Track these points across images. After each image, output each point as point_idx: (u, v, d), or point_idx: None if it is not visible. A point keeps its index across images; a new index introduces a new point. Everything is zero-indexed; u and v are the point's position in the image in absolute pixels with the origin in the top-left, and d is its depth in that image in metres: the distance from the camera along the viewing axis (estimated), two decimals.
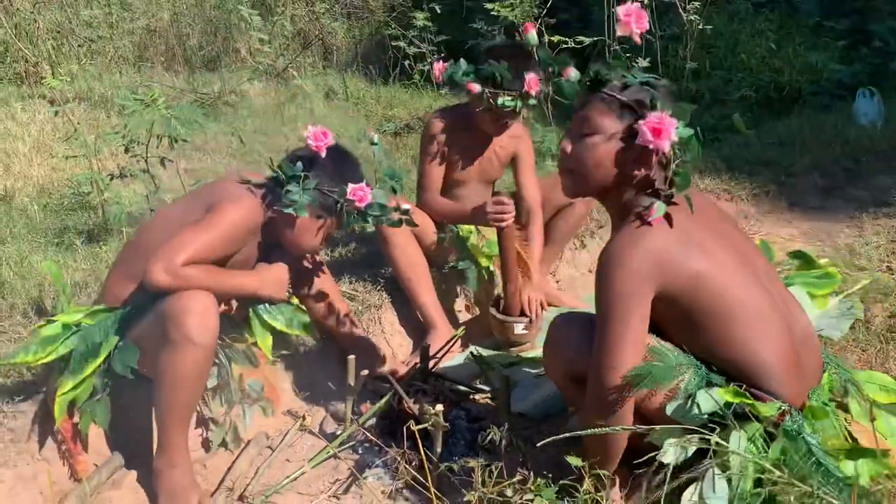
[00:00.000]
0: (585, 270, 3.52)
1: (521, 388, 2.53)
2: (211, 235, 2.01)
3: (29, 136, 4.94)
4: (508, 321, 2.72)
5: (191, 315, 1.88)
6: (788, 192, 4.18)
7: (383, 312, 2.84)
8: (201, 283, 1.97)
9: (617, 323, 1.61)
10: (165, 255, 1.94)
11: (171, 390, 1.94)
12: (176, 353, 1.90)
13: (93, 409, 2.07)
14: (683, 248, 1.63)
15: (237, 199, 2.09)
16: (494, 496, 1.72)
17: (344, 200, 2.15)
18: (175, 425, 1.98)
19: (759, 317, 1.66)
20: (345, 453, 2.21)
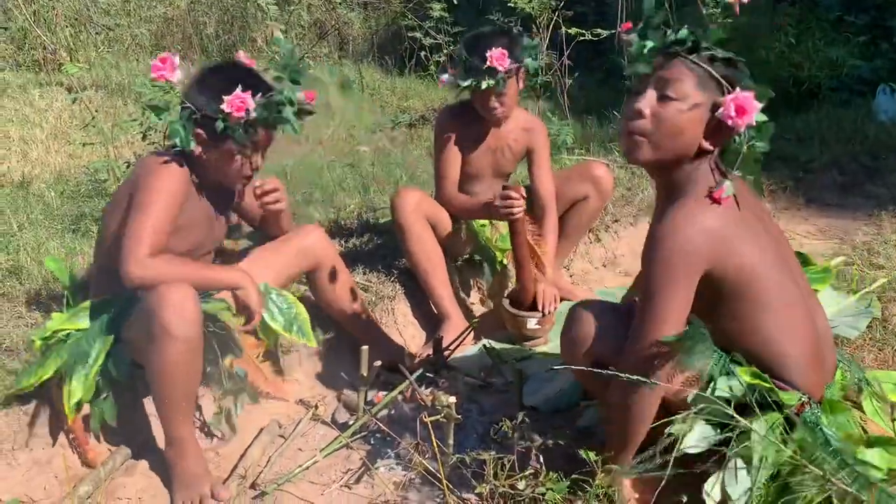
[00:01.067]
0: (599, 265, 3.51)
1: (533, 381, 2.53)
2: (154, 213, 1.97)
3: (46, 122, 4.98)
4: (521, 315, 2.72)
5: (167, 308, 1.87)
6: (806, 188, 4.15)
7: (397, 304, 2.84)
8: (177, 275, 1.95)
9: (664, 296, 1.59)
10: (128, 252, 1.93)
11: (162, 384, 1.95)
12: (159, 348, 1.90)
13: (101, 408, 2.09)
14: (737, 232, 1.62)
15: (153, 168, 2.04)
16: (506, 489, 1.72)
17: (221, 116, 2.00)
18: (176, 416, 1.99)
19: (788, 309, 1.66)
20: (357, 443, 2.21)
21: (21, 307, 2.48)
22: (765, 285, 1.64)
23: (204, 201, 2.17)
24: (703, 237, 1.58)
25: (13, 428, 2.07)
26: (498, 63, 2.55)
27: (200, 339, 1.96)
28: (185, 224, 2.08)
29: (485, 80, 2.58)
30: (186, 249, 2.13)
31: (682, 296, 1.60)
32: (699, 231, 1.59)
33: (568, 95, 4.77)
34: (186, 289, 1.91)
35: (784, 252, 1.74)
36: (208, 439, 2.26)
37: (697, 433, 1.60)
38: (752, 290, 1.64)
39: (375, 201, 3.70)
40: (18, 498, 1.98)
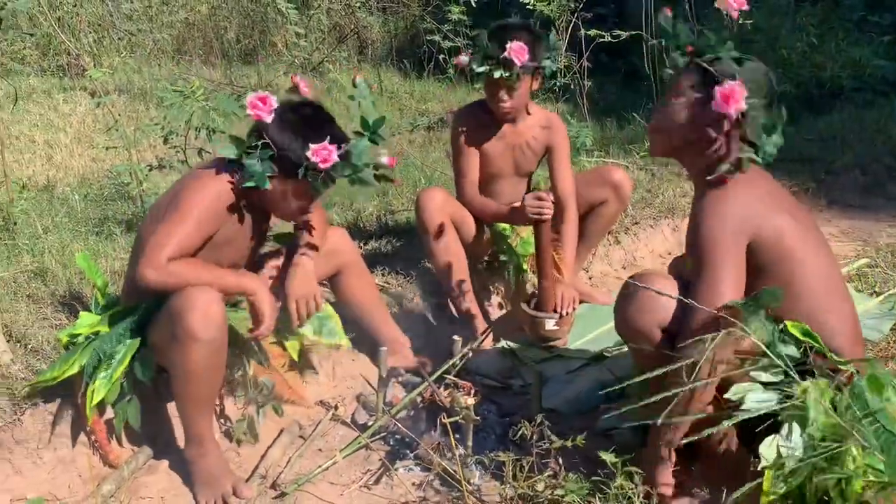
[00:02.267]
0: (619, 267, 3.50)
1: (553, 383, 2.53)
2: (184, 224, 1.98)
3: (70, 127, 5.05)
4: (540, 317, 2.71)
5: (193, 311, 1.89)
6: (828, 189, 4.11)
7: (416, 305, 2.85)
8: (196, 278, 1.96)
9: (717, 266, 1.68)
10: (149, 254, 1.94)
11: (185, 385, 1.97)
12: (183, 350, 1.92)
13: (124, 410, 2.11)
14: (771, 205, 1.74)
15: (197, 183, 2.06)
16: (525, 490, 1.72)
17: (306, 163, 2.02)
18: (197, 417, 2.02)
19: (832, 286, 1.76)
20: (376, 444, 2.22)
21: (46, 308, 2.51)
22: (808, 260, 1.74)
23: (245, 221, 2.16)
24: (742, 209, 1.71)
25: (38, 427, 2.10)
26: (515, 56, 2.55)
27: (224, 340, 1.98)
28: (226, 239, 2.11)
29: (499, 69, 2.58)
30: (229, 264, 2.15)
31: (736, 262, 1.69)
32: (738, 204, 1.71)
33: (587, 97, 4.76)
34: (212, 292, 1.93)
35: (819, 235, 1.84)
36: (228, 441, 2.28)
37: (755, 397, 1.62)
38: (794, 260, 1.72)
39: (394, 204, 3.71)
40: (43, 496, 2.00)
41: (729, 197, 1.73)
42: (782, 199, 1.81)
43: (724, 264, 1.69)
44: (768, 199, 1.76)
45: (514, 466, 1.77)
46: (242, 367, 2.23)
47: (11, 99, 5.02)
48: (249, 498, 1.98)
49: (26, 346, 2.28)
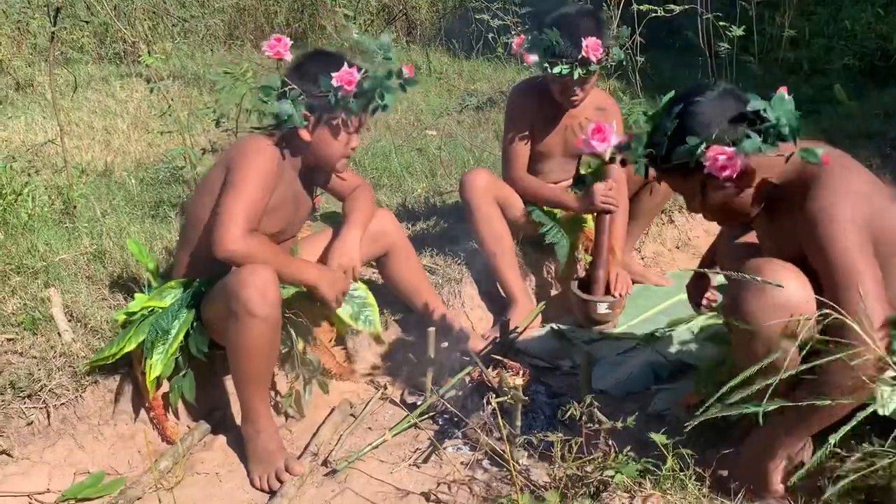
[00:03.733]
0: (672, 246, 3.43)
1: (602, 366, 2.50)
2: (250, 191, 2.02)
3: (127, 113, 5.16)
4: (593, 301, 2.68)
5: (250, 289, 1.93)
6: (894, 165, 3.96)
7: (463, 286, 2.84)
8: (267, 258, 2.01)
9: (857, 278, 1.52)
10: (224, 228, 1.98)
11: (242, 361, 2.01)
12: (240, 326, 1.96)
13: (180, 385, 2.16)
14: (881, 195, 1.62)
15: (249, 148, 2.10)
16: (574, 471, 1.70)
17: (333, 91, 2.07)
18: (253, 393, 2.05)
19: None
20: (425, 423, 2.23)
21: (104, 289, 2.58)
22: None
23: (295, 184, 2.22)
24: (858, 204, 1.57)
25: (99, 404, 2.16)
26: (593, 53, 2.51)
27: (279, 319, 2.02)
28: (275, 206, 2.14)
29: (576, 68, 2.54)
30: (276, 231, 2.19)
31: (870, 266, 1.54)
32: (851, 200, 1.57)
33: (640, 73, 4.66)
34: (269, 271, 1.97)
35: None
36: (281, 417, 2.32)
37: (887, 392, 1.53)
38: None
39: (442, 185, 3.70)
40: (104, 471, 2.07)
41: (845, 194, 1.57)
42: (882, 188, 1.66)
43: (865, 277, 1.52)
44: (872, 189, 1.62)
45: (563, 447, 1.76)
46: (290, 343, 2.26)
47: (71, 86, 5.16)
48: (301, 475, 2.01)
49: (86, 326, 2.35)
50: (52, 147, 4.06)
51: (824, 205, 1.57)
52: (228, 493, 2.02)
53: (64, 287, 2.54)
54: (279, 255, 2.08)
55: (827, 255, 1.56)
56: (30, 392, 2.07)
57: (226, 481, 2.07)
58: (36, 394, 2.08)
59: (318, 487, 2.01)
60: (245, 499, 2.00)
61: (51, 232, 3.01)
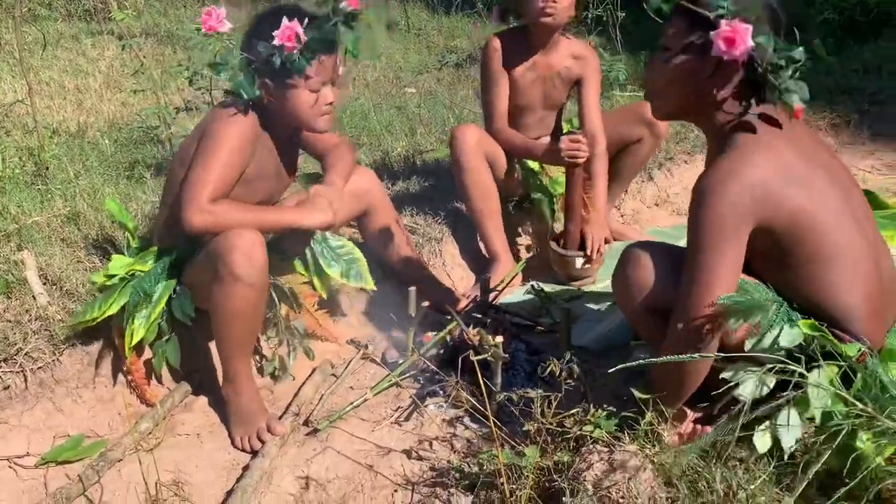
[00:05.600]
0: (652, 204, 3.44)
1: (582, 322, 2.51)
2: (218, 162, 1.97)
3: (99, 72, 5.05)
4: (569, 255, 2.69)
5: (236, 253, 1.90)
6: (872, 121, 3.98)
7: (444, 245, 2.84)
8: (239, 220, 1.97)
9: (712, 256, 1.55)
10: (191, 198, 1.95)
11: (226, 325, 2.00)
12: (226, 291, 1.94)
13: (163, 349, 2.16)
14: (784, 182, 1.55)
15: (221, 120, 2.03)
16: (553, 427, 1.72)
17: (277, 52, 1.96)
18: (236, 356, 2.04)
19: (851, 260, 1.59)
20: (406, 382, 2.24)
21: (80, 252, 2.54)
22: (825, 237, 1.57)
23: (274, 152, 2.17)
24: (748, 192, 1.53)
25: (77, 367, 2.15)
26: None
27: (266, 283, 2.00)
28: (254, 176, 2.10)
29: None
30: (258, 202, 2.15)
31: (732, 255, 1.56)
32: (743, 186, 1.53)
33: (621, 29, 4.62)
34: (254, 234, 1.94)
35: (848, 194, 1.65)
36: (263, 377, 2.31)
37: (753, 380, 1.57)
38: (809, 241, 1.57)
39: (422, 143, 3.68)
40: (84, 433, 2.06)
41: (732, 179, 1.53)
42: (803, 167, 1.58)
43: (718, 264, 1.55)
44: (782, 173, 1.55)
45: (543, 403, 1.77)
46: (274, 308, 2.25)
47: (40, 45, 5.03)
48: (282, 434, 2.02)
49: (62, 289, 2.32)
50: (22, 107, 3.97)
51: (711, 184, 1.55)
52: (210, 454, 2.02)
53: (38, 250, 2.51)
54: (251, 211, 2.04)
55: (693, 240, 1.58)
56: (6, 356, 2.05)
57: (207, 442, 2.07)
58: (12, 357, 2.06)
59: (299, 447, 2.02)
60: (227, 459, 2.01)
61: (23, 194, 2.96)
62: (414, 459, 1.94)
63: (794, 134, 1.62)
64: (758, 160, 1.55)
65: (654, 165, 3.43)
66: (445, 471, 1.85)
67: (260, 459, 1.93)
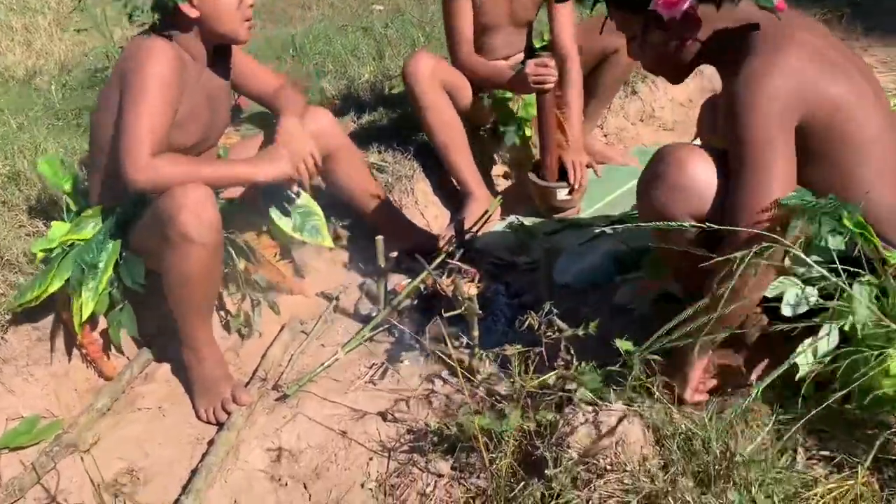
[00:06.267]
0: (636, 120, 3.24)
1: (566, 257, 2.36)
2: (148, 105, 1.78)
3: (49, 8, 4.75)
4: (550, 187, 2.52)
5: (184, 212, 1.74)
6: (865, 15, 3.75)
7: (416, 182, 2.66)
8: (186, 175, 1.79)
9: (765, 153, 1.40)
10: (128, 156, 1.76)
11: (180, 290, 1.85)
12: (178, 254, 1.79)
13: (118, 319, 2.01)
14: (821, 70, 1.43)
15: (138, 55, 1.83)
16: (534, 388, 1.59)
17: None
18: (193, 321, 1.91)
19: (886, 159, 1.47)
20: (381, 336, 2.10)
21: (22, 215, 2.37)
22: (865, 130, 1.44)
23: (206, 83, 1.97)
24: (785, 87, 1.40)
25: (25, 344, 2.00)
26: None
27: (220, 242, 1.85)
28: (186, 115, 1.90)
29: None
30: (192, 143, 1.96)
31: (786, 151, 1.41)
32: (778, 80, 1.39)
33: None
34: (204, 190, 1.77)
35: (878, 91, 1.52)
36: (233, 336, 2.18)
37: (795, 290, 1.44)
38: (852, 138, 1.44)
39: (391, 68, 3.44)
40: (39, 414, 1.93)
41: (773, 72, 1.39)
42: (834, 55, 1.46)
43: (772, 159, 1.39)
44: (817, 60, 1.42)
45: (522, 360, 1.63)
46: (232, 264, 2.09)
47: None
48: (249, 404, 1.89)
49: (2, 259, 2.15)
50: None
51: (748, 82, 1.41)
52: (173, 428, 1.90)
53: None
54: (199, 164, 1.86)
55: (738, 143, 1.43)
56: None
57: (170, 415, 1.94)
58: None
59: (268, 414, 1.90)
60: (191, 434, 1.89)
61: None
62: (390, 422, 1.82)
63: (804, 21, 1.52)
64: (790, 50, 1.42)
65: (637, 78, 3.22)
66: (423, 434, 1.74)
67: (225, 433, 1.81)
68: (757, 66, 1.41)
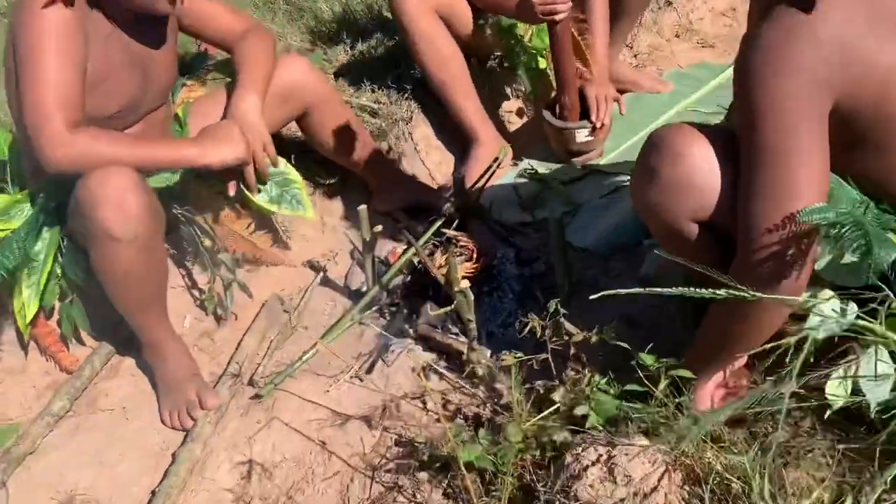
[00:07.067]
0: (671, 35, 2.82)
1: (584, 214, 2.05)
2: (47, 68, 1.47)
3: None
4: (568, 128, 2.17)
5: (104, 207, 1.47)
6: None
7: (415, 126, 2.32)
8: (110, 154, 1.51)
9: (787, 151, 1.06)
10: (37, 132, 1.47)
11: (116, 289, 1.61)
12: (104, 252, 1.54)
13: (68, 312, 1.78)
14: (872, 31, 1.04)
15: (24, 11, 1.50)
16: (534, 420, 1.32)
17: None
18: (143, 320, 1.68)
19: None
20: (370, 316, 1.84)
21: None
22: None
23: (123, 39, 1.63)
24: (825, 49, 1.02)
25: None
26: None
27: (154, 232, 1.58)
28: (98, 75, 1.58)
29: None
30: (117, 110, 1.65)
31: (814, 145, 1.06)
32: (812, 45, 1.02)
33: None
34: (125, 177, 1.49)
35: None
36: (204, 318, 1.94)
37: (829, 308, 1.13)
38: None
39: None
40: None
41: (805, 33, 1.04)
42: None
43: (796, 154, 1.05)
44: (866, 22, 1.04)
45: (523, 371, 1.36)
46: (194, 244, 1.83)
47: None
48: (216, 407, 1.66)
49: None
50: None
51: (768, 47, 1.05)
52: (137, 435, 1.68)
53: None
54: (133, 144, 1.57)
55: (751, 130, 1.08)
56: None
57: (134, 418, 1.72)
58: None
59: (242, 417, 1.67)
60: (155, 442, 1.66)
61: None
62: (376, 429, 1.58)
63: None
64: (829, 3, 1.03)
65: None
66: (412, 447, 1.49)
67: (189, 446, 1.59)
68: (782, 25, 1.04)
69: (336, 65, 2.54)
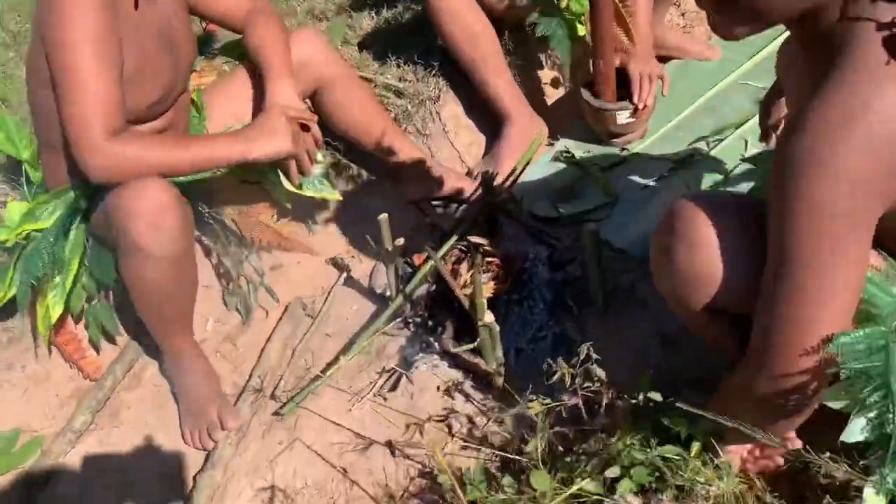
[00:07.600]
0: None
1: (622, 208, 1.91)
2: (87, 67, 1.37)
3: None
4: (608, 109, 2.01)
5: (138, 220, 1.40)
6: None
7: (443, 105, 2.18)
8: (156, 161, 1.44)
9: (815, 287, 0.91)
10: (79, 140, 1.40)
11: (146, 302, 1.56)
12: (133, 266, 1.48)
13: (95, 315, 1.75)
14: None
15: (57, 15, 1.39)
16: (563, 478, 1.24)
17: None
18: (167, 332, 1.63)
19: None
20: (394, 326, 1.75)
21: None
22: None
23: (146, 20, 1.53)
24: (881, 150, 0.84)
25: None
26: None
27: (185, 250, 1.52)
28: (136, 65, 1.49)
29: None
30: (156, 99, 1.57)
31: (852, 259, 0.90)
32: (871, 141, 0.83)
33: None
34: (160, 192, 1.42)
35: None
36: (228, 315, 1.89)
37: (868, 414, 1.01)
38: None
39: None
40: (18, 427, 1.73)
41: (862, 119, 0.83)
42: None
43: (835, 271, 0.89)
44: None
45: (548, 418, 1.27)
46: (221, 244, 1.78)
47: None
48: (237, 427, 1.62)
49: None
50: None
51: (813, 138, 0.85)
52: (157, 455, 1.65)
53: None
54: (175, 147, 1.50)
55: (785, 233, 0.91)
56: None
57: (156, 431, 1.69)
58: None
59: (263, 438, 1.63)
60: (177, 464, 1.64)
61: None
62: (399, 457, 1.52)
63: None
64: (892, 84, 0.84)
65: None
66: (433, 482, 1.44)
67: (210, 472, 1.56)
68: (833, 113, 0.85)
69: (360, 34, 2.38)
